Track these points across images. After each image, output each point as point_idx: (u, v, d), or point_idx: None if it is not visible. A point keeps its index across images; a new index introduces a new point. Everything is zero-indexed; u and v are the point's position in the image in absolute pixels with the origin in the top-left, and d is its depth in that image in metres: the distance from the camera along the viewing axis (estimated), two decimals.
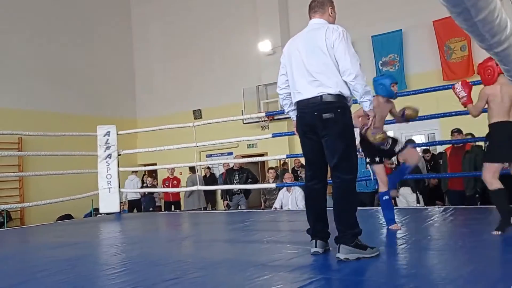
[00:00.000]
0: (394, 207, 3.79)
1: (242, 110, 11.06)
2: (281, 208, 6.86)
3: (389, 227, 3.69)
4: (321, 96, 2.68)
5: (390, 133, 8.30)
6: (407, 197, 6.59)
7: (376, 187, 7.19)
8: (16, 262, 3.45)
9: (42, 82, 11.10)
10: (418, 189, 6.56)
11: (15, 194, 10.26)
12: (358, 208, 2.82)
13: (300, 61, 2.79)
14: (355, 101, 2.90)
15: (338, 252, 2.57)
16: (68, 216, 9.28)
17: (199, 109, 12.74)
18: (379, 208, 5.40)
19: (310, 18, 2.93)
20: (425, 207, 6.12)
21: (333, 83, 2.67)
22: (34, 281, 2.68)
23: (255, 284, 2.28)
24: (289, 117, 3.11)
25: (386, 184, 3.78)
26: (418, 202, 6.57)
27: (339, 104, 2.70)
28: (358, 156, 2.96)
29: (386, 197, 3.75)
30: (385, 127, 3.98)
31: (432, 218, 4.25)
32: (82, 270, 2.97)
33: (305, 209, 3.05)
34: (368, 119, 2.87)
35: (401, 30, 10.06)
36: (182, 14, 13.48)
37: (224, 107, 11.54)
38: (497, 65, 3.23)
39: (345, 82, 2.69)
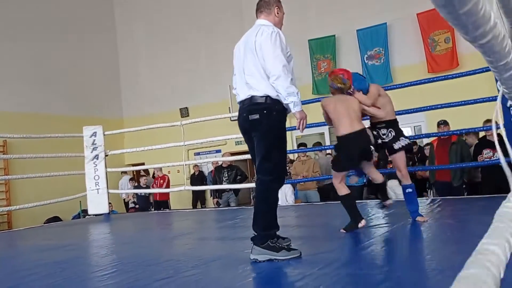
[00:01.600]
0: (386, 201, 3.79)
1: (229, 108, 11.04)
2: None
3: (416, 219, 3.57)
4: (250, 97, 2.72)
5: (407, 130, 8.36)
6: (395, 189, 6.65)
7: (364, 181, 7.27)
8: (4, 267, 3.40)
9: (27, 83, 10.93)
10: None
11: (1, 198, 10.12)
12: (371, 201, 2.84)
13: (240, 62, 2.85)
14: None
15: (251, 252, 2.60)
16: (56, 219, 9.16)
17: (186, 107, 12.68)
18: (368, 201, 5.47)
19: (257, 18, 2.93)
20: None
21: (261, 85, 2.68)
22: (23, 285, 2.65)
23: (247, 281, 2.29)
24: None
25: (406, 176, 3.67)
26: None
27: (265, 106, 2.68)
28: None
29: (410, 189, 3.64)
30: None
31: (420, 210, 4.29)
32: (72, 272, 2.95)
33: (293, 204, 3.07)
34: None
35: (385, 23, 10.12)
36: (165, 12, 13.38)
37: (211, 104, 11.50)
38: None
39: (272, 85, 2.67)
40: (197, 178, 10.33)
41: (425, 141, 8.62)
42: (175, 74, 13.11)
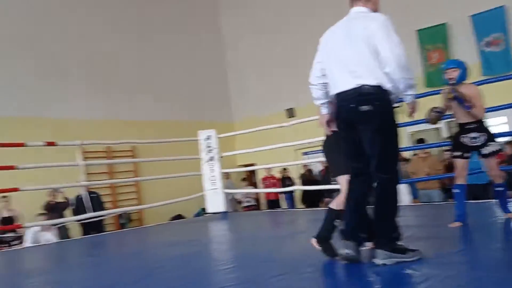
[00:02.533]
0: None
1: None
2: None
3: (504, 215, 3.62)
4: (358, 87, 2.51)
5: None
6: None
7: (490, 179, 6.69)
8: (136, 259, 3.80)
9: (145, 94, 12.06)
10: None
11: (133, 198, 11.26)
12: (470, 201, 2.68)
13: (338, 51, 2.66)
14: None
15: (375, 258, 2.44)
16: (179, 216, 9.94)
17: (292, 108, 12.84)
18: (492, 201, 5.04)
19: (352, 6, 2.78)
20: None
21: (373, 75, 2.50)
22: (153, 276, 2.92)
23: (368, 283, 2.28)
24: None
25: (497, 177, 3.72)
26: None
27: (378, 96, 2.51)
28: None
29: (499, 188, 3.71)
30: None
31: None
32: (196, 266, 3.19)
33: (409, 204, 2.96)
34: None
35: (503, 6, 9.18)
36: (272, 13, 13.67)
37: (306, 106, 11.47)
38: None
39: (386, 74, 2.50)
40: (308, 178, 10.38)
41: None
42: (281, 75, 13.33)
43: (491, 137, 3.68)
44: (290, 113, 12.76)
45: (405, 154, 9.34)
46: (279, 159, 7.90)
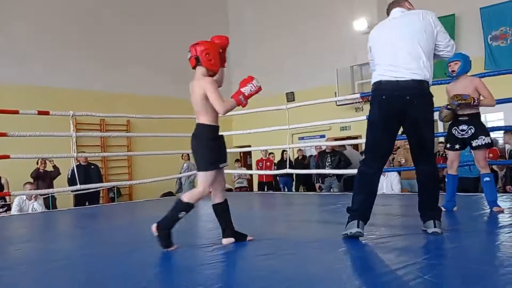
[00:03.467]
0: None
1: (335, 92, 10.87)
2: None
3: (493, 209, 3.69)
4: (418, 80, 2.69)
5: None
6: None
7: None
8: (125, 233, 3.81)
9: (147, 69, 11.92)
10: None
11: (124, 172, 11.26)
12: (461, 193, 2.77)
13: (400, 41, 2.78)
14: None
15: (435, 227, 2.76)
16: (170, 193, 9.95)
17: (292, 92, 12.76)
18: (483, 194, 5.06)
19: (395, 7, 3.02)
20: None
21: (427, 70, 2.73)
22: (142, 250, 2.93)
23: (345, 264, 2.29)
24: None
25: (484, 168, 3.80)
26: None
27: (429, 92, 2.78)
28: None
29: (487, 178, 3.80)
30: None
31: None
32: (182, 242, 3.18)
33: (399, 193, 3.04)
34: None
35: None
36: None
37: (317, 89, 11.42)
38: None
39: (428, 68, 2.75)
40: (301, 162, 10.38)
41: None
42: (283, 58, 13.23)
43: (482, 130, 3.74)
44: (290, 96, 12.71)
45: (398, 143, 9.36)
46: (275, 142, 7.88)
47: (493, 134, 9.53)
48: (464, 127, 3.77)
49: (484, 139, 3.70)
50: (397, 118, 2.76)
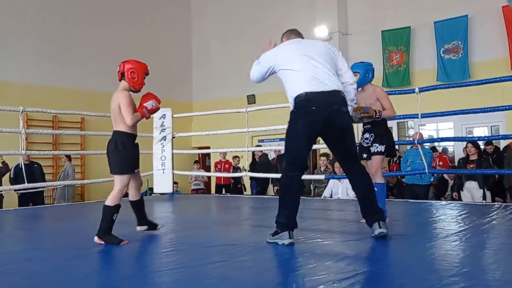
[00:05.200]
0: (459, 202, 3.70)
1: None
2: (331, 197, 6.79)
3: None
4: (341, 91, 2.93)
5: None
6: (472, 191, 6.31)
7: (432, 179, 6.97)
8: (72, 237, 3.65)
9: (102, 63, 11.55)
10: (486, 185, 6.26)
11: (77, 171, 10.86)
12: (411, 200, 2.81)
13: (320, 54, 3.00)
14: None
15: (380, 228, 2.90)
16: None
17: (253, 94, 12.78)
18: (433, 202, 5.24)
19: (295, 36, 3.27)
20: (485, 203, 5.84)
21: (340, 84, 2.99)
22: (88, 256, 2.83)
23: (299, 273, 2.29)
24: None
25: (376, 177, 3.76)
26: (484, 198, 6.26)
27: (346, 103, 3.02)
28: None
29: (376, 188, 3.65)
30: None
31: (490, 215, 4.04)
32: (133, 247, 3.11)
33: (354, 199, 3.09)
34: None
35: (466, 15, 9.50)
36: None
37: (277, 93, 11.46)
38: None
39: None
40: (257, 164, 10.34)
41: (503, 143, 8.06)
42: (245, 60, 13.19)
43: (380, 138, 3.74)
44: (251, 99, 12.71)
45: None
46: (234, 144, 7.85)
47: (444, 143, 9.99)
48: (367, 135, 3.81)
49: (377, 147, 3.72)
50: (323, 128, 2.91)
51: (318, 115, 2.85)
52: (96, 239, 3.11)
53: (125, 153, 3.21)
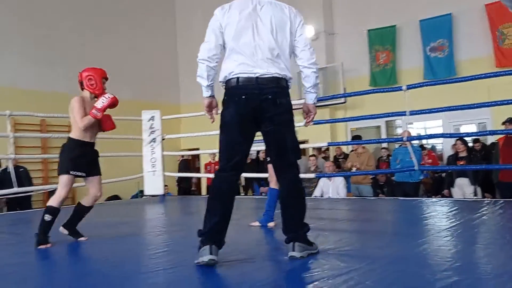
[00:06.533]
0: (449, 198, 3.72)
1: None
2: (321, 196, 6.82)
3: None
4: (277, 78, 2.42)
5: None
6: (464, 188, 6.39)
7: (421, 177, 7.04)
8: (65, 239, 3.61)
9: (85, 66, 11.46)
10: (477, 181, 6.34)
11: None
12: (402, 198, 2.78)
13: (255, 32, 2.43)
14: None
15: (293, 251, 2.43)
16: (116, 197, 9.63)
17: None
18: (423, 199, 5.30)
19: None
20: (475, 199, 5.93)
21: (286, 66, 2.48)
22: (80, 257, 2.82)
23: (292, 270, 2.30)
24: (329, 105, 3.07)
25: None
26: (475, 194, 6.35)
27: (287, 90, 2.53)
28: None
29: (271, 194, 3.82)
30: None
31: (480, 211, 4.10)
32: (126, 248, 3.10)
33: (345, 198, 3.04)
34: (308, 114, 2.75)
35: (450, 14, 9.62)
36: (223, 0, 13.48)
37: None
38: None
39: (287, 67, 2.48)
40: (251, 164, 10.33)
41: (490, 139, 8.18)
42: None
43: None
44: None
45: (344, 149, 9.62)
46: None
47: (432, 141, 10.08)
48: None
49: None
50: (255, 120, 2.44)
51: (247, 105, 2.40)
52: (61, 229, 3.38)
53: (65, 155, 3.31)
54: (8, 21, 10.16)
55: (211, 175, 9.82)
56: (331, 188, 6.79)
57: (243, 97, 2.40)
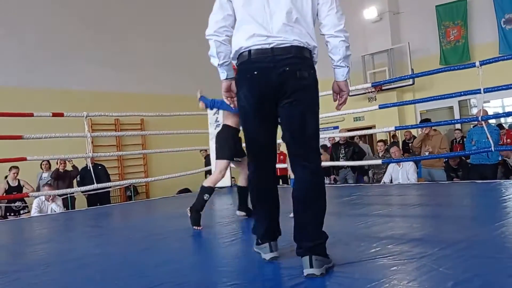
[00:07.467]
0: None
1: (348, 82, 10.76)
2: (391, 182, 6.62)
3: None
4: (298, 47, 2.01)
5: None
6: None
7: (499, 158, 6.59)
8: (141, 230, 3.83)
9: (160, 68, 11.97)
10: None
11: (140, 171, 11.35)
12: (480, 181, 2.61)
13: None
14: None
15: (311, 267, 1.90)
16: (186, 190, 10.00)
17: None
18: (502, 181, 4.98)
19: None
20: None
21: (310, 35, 2.07)
22: (156, 248, 2.94)
23: (362, 256, 2.26)
24: (396, 87, 2.89)
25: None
26: None
27: (312, 63, 2.10)
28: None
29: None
30: None
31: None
32: (197, 239, 3.21)
33: (416, 183, 2.91)
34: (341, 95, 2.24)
35: None
36: None
37: (328, 79, 11.31)
38: None
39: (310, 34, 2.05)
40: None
41: None
42: None
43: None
44: None
45: (414, 132, 9.25)
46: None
47: (511, 119, 9.41)
48: None
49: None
50: (275, 101, 2.03)
51: (262, 82, 2.01)
52: (188, 210, 3.54)
53: (225, 142, 3.60)
54: (79, 28, 10.85)
55: (281, 165, 9.97)
56: (401, 173, 6.56)
57: (255, 72, 2.00)
